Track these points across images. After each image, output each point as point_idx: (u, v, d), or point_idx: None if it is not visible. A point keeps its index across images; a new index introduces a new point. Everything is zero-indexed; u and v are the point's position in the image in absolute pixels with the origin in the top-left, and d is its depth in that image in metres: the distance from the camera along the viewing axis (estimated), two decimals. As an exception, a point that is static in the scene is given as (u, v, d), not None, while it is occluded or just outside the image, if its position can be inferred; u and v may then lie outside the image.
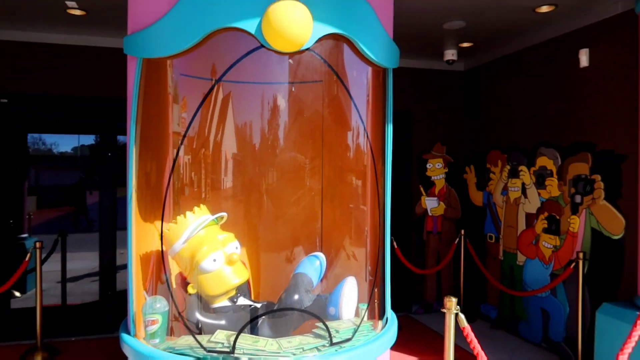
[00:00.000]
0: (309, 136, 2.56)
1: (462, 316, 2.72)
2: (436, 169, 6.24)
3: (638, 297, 3.65)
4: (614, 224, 4.10)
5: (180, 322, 2.43)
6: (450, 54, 5.63)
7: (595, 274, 4.28)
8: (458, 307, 2.71)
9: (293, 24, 1.85)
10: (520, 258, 5.22)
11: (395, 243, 5.55)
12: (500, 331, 5.45)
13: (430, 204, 6.20)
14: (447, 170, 6.26)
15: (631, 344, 3.02)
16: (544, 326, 4.88)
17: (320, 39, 2.01)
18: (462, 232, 5.83)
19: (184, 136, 2.46)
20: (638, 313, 3.15)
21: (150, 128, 2.44)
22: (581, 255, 4.20)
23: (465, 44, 5.45)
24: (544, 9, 4.27)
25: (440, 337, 3.37)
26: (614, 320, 3.65)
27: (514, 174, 5.31)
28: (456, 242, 5.85)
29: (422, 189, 6.21)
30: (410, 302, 6.22)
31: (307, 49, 2.00)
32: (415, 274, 6.01)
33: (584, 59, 4.38)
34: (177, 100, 2.57)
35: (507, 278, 5.44)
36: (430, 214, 6.21)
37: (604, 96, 4.24)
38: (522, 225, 5.21)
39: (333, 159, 2.51)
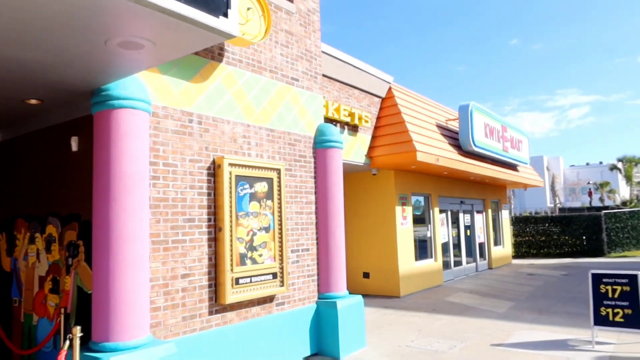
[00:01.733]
0: None
1: None
2: (-36, 237, 6.20)
3: (92, 341, 4.57)
4: (90, 281, 5.03)
5: None
6: (-28, 126, 5.85)
7: (81, 323, 5.09)
8: None
9: None
10: (35, 318, 5.70)
11: None
12: (21, 391, 5.72)
13: (-44, 273, 6.09)
14: (-22, 238, 6.30)
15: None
16: (50, 378, 5.41)
17: None
18: (-12, 298, 5.95)
19: None
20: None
21: None
22: (62, 310, 4.97)
23: (-14, 119, 5.78)
24: (33, 101, 5.05)
25: None
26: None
27: (32, 240, 5.83)
28: (-21, 309, 5.92)
29: (-55, 258, 6.05)
30: None
31: None
32: None
33: (74, 144, 5.33)
34: None
35: (27, 339, 5.81)
36: (-44, 284, 6.08)
37: (88, 175, 5.22)
38: (36, 287, 5.72)
39: None
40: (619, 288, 6.89)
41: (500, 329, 8.32)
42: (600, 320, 6.96)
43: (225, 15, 3.49)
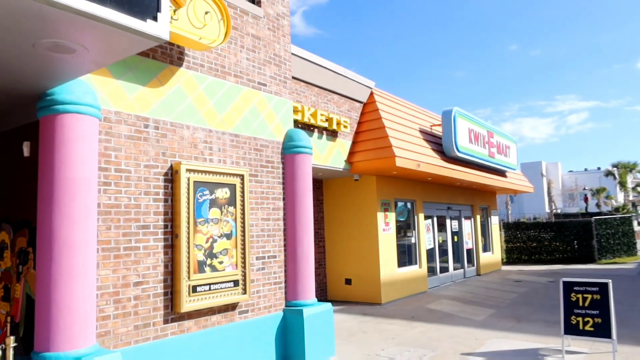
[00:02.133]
0: None
1: None
2: None
3: (33, 352, 4.47)
4: (38, 289, 4.93)
5: None
6: None
7: (30, 332, 4.99)
8: None
9: None
10: (-12, 326, 5.59)
11: None
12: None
13: None
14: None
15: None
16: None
17: None
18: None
19: None
20: None
21: None
22: (9, 319, 4.87)
23: (-60, 124, 5.70)
24: (-19, 106, 4.96)
25: None
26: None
27: (-13, 247, 5.73)
28: None
29: None
30: None
31: None
32: None
33: (26, 149, 5.24)
34: None
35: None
36: None
37: (37, 181, 5.13)
38: (-10, 294, 5.62)
39: None
40: (589, 297, 6.78)
41: (474, 337, 8.21)
42: (571, 329, 6.85)
43: (155, 19, 3.41)
